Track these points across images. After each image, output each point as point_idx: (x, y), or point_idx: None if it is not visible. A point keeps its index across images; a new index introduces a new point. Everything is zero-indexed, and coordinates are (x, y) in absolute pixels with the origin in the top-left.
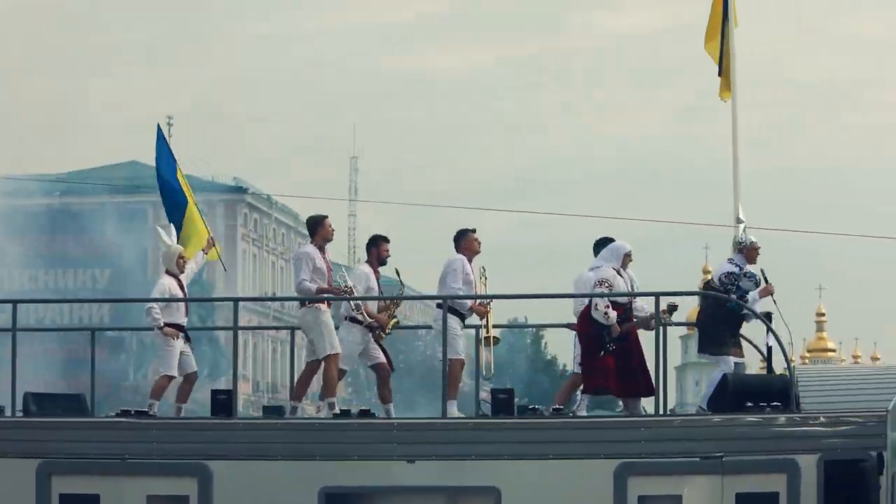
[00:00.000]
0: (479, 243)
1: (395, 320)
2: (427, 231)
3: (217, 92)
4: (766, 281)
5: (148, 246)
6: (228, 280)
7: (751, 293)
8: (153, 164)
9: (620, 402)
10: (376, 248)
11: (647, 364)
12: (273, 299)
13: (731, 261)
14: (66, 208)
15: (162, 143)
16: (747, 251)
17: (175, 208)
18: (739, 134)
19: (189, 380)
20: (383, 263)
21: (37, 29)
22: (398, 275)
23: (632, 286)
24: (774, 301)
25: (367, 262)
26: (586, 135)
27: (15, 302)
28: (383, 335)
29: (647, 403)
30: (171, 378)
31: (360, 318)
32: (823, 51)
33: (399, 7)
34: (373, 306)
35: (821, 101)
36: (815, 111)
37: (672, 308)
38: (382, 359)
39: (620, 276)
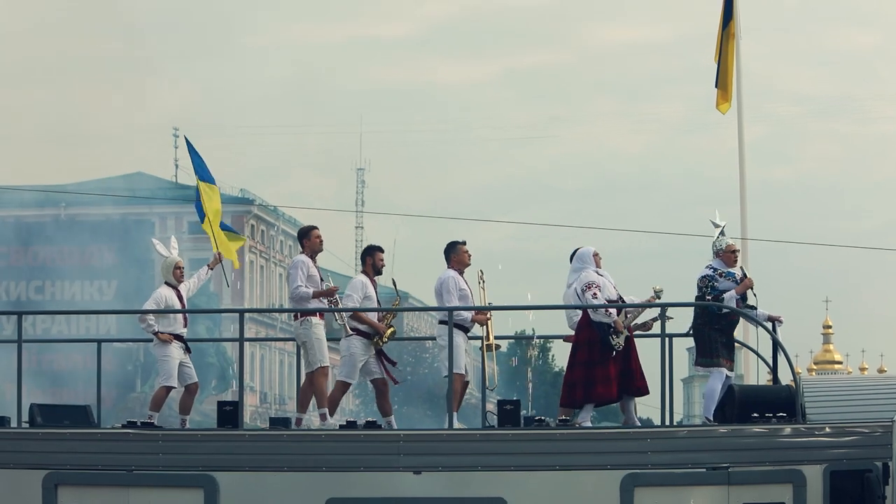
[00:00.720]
0: (470, 255)
1: (391, 329)
2: (434, 242)
3: (223, 103)
4: (745, 276)
5: (154, 257)
6: (235, 291)
7: (727, 292)
8: (158, 175)
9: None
10: (371, 258)
11: (644, 369)
12: (279, 311)
13: (709, 266)
14: (72, 219)
15: (192, 152)
16: (724, 254)
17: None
18: (745, 145)
19: (190, 391)
20: (379, 273)
21: (39, 38)
22: (394, 284)
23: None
24: (755, 294)
25: (362, 271)
26: (589, 145)
27: (20, 314)
28: (381, 343)
29: (654, 415)
30: (169, 389)
31: (361, 327)
32: (822, 62)
33: (405, 18)
34: (372, 314)
35: (826, 112)
36: (820, 123)
37: (658, 293)
38: (381, 374)
39: (601, 275)
